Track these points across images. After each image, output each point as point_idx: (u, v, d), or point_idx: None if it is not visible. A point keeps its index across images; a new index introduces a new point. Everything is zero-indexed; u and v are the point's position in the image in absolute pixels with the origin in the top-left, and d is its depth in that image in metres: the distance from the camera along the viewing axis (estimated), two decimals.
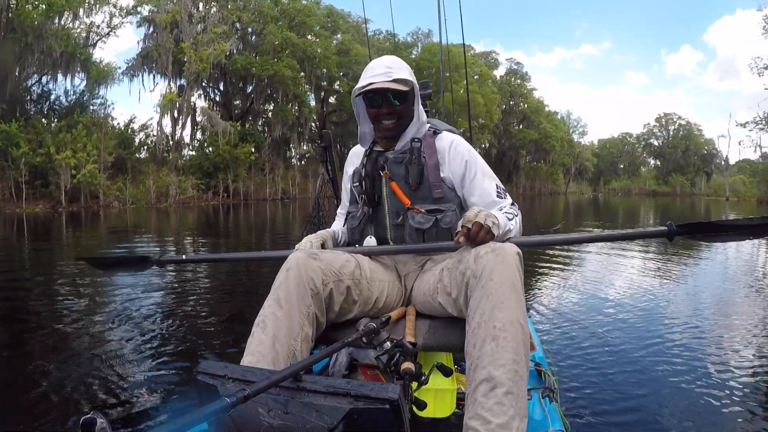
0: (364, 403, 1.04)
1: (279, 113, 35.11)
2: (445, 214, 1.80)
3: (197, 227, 14.65)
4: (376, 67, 1.83)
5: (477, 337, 1.30)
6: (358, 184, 1.94)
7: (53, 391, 2.73)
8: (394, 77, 1.79)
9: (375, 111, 1.86)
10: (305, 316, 1.48)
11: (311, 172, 37.15)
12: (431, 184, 1.83)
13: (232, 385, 1.10)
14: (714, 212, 24.19)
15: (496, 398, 1.19)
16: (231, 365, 1.18)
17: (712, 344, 3.30)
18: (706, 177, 60.82)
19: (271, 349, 1.39)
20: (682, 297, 4.63)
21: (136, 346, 3.55)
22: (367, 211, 1.90)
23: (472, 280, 1.39)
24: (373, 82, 1.79)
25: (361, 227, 1.92)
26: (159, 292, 5.52)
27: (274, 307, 1.47)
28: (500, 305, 1.30)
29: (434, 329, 1.61)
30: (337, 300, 1.59)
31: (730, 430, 2.21)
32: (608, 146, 76.20)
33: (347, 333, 1.53)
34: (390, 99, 1.81)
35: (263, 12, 34.40)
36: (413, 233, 1.81)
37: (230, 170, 30.81)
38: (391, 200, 1.88)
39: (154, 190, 27.14)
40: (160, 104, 30.02)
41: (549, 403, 1.80)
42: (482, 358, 1.25)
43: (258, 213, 21.59)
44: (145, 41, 31.67)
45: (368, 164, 1.93)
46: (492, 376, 1.22)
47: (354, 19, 42.66)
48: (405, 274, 1.85)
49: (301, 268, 1.51)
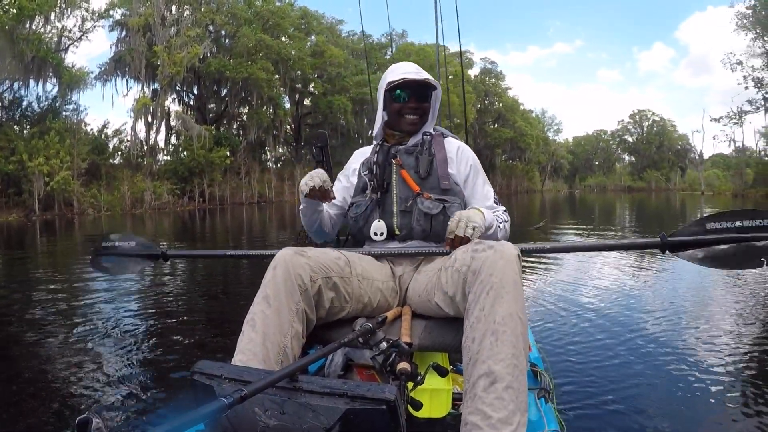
0: (361, 404, 1.03)
1: (254, 116, 34.92)
2: (452, 205, 1.87)
3: (174, 233, 14.48)
4: (405, 66, 2.00)
5: (476, 331, 1.29)
6: (368, 172, 1.98)
7: (48, 392, 2.72)
8: (424, 77, 1.94)
9: (400, 105, 1.98)
10: (294, 312, 1.47)
11: (287, 174, 37.06)
12: (440, 175, 1.90)
13: (229, 386, 1.10)
14: (689, 206, 24.63)
15: (496, 393, 1.18)
16: (227, 365, 1.17)
17: (710, 343, 3.31)
18: (680, 172, 62.03)
19: (261, 347, 1.39)
20: (680, 298, 4.64)
21: (131, 346, 3.54)
22: (374, 198, 1.93)
23: (470, 276, 1.38)
24: (407, 77, 1.92)
25: (368, 213, 1.94)
26: (153, 292, 5.54)
27: (263, 304, 1.46)
28: (500, 300, 1.29)
29: (430, 329, 1.61)
30: (326, 296, 1.57)
31: (729, 429, 2.22)
32: (583, 143, 77.30)
33: (343, 333, 1.53)
34: (419, 94, 1.97)
35: (237, 14, 34.21)
36: (422, 218, 1.85)
37: (205, 174, 30.51)
38: (400, 187, 1.92)
39: (129, 196, 26.74)
40: (134, 109, 29.69)
41: (545, 404, 1.79)
42: (481, 352, 1.25)
43: (235, 217, 21.39)
44: (117, 45, 31.35)
45: (380, 154, 2.00)
46: (492, 371, 1.21)
47: (328, 20, 42.67)
48: (400, 275, 1.84)
49: (289, 265, 1.51)
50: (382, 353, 1.27)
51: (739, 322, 3.82)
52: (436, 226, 1.84)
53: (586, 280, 5.62)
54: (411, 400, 1.25)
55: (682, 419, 2.30)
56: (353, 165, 2.13)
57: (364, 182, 1.98)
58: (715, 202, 29.13)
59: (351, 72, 38.87)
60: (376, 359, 1.28)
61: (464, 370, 1.31)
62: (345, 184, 2.12)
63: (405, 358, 1.28)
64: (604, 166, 74.43)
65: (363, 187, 1.99)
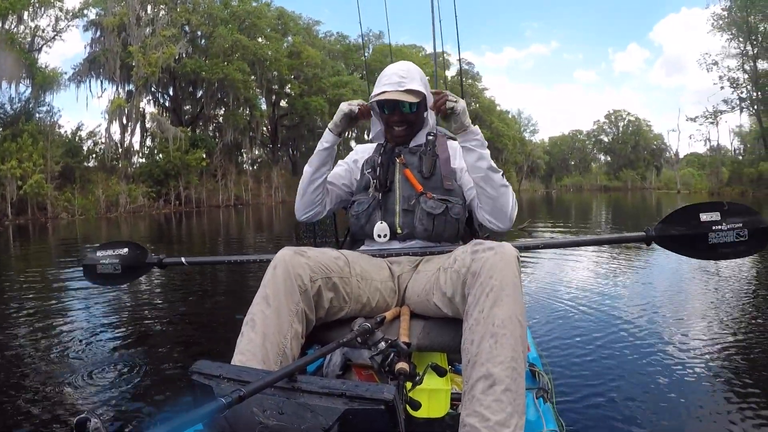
0: (360, 404, 1.02)
1: (230, 117, 34.67)
2: (455, 205, 1.87)
3: (150, 237, 14.28)
4: (391, 76, 1.92)
5: (475, 333, 1.28)
6: (371, 170, 1.97)
7: (46, 393, 2.71)
8: (406, 87, 1.87)
9: (386, 116, 1.98)
10: (294, 313, 1.46)
11: (264, 176, 36.86)
12: (443, 175, 1.90)
13: (227, 385, 1.09)
14: (665, 204, 25.00)
15: (494, 395, 1.18)
16: (226, 365, 1.17)
17: (709, 343, 3.32)
18: (655, 171, 62.98)
19: (261, 348, 1.38)
20: (678, 294, 4.68)
21: (129, 347, 3.56)
22: (376, 196, 1.92)
23: (470, 278, 1.37)
24: (385, 90, 1.88)
25: (370, 212, 1.93)
26: (151, 293, 5.60)
27: (263, 305, 1.45)
28: (499, 302, 1.29)
29: (429, 329, 1.60)
30: (326, 297, 1.56)
31: (730, 426, 2.22)
32: (559, 144, 78.15)
33: (341, 333, 1.53)
34: (401, 109, 1.93)
35: (213, 14, 33.96)
36: (424, 218, 1.84)
37: (181, 177, 30.16)
38: (403, 186, 1.92)
39: (104, 200, 26.28)
40: (108, 110, 29.25)
41: (543, 404, 1.80)
42: (480, 355, 1.24)
43: (211, 220, 21.14)
44: (92, 45, 30.83)
45: (383, 153, 2.00)
46: (490, 373, 1.20)
47: (305, 21, 42.54)
48: (399, 275, 1.82)
49: (288, 265, 1.49)
50: (380, 353, 1.27)
51: (740, 319, 3.85)
52: (438, 226, 1.84)
53: (583, 278, 5.66)
54: (409, 400, 1.25)
55: (681, 417, 2.31)
56: (355, 156, 2.14)
57: (367, 180, 1.97)
58: (692, 200, 29.60)
59: (328, 73, 38.82)
60: (374, 359, 1.28)
61: (463, 371, 1.30)
62: (347, 168, 2.12)
63: (403, 358, 1.27)
64: (580, 165, 75.32)
65: (366, 185, 1.98)
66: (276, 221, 19.52)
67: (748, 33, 33.40)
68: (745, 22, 32.85)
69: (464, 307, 1.38)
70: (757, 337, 3.45)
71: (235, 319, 4.15)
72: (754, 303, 4.41)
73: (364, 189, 1.99)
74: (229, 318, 4.30)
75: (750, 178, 35.91)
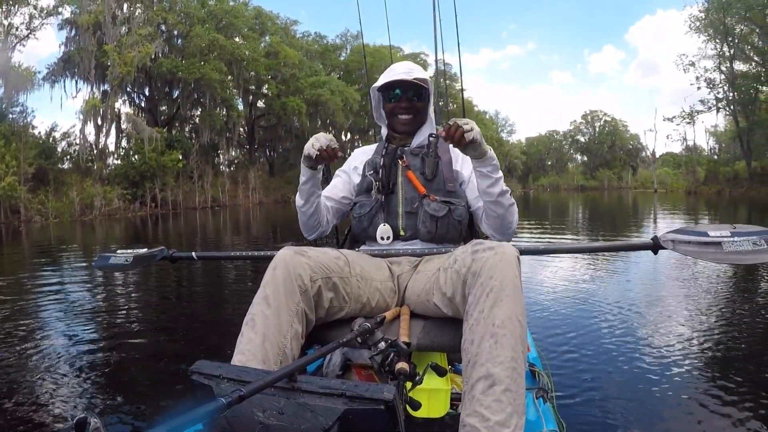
0: (360, 404, 1.03)
1: (207, 118, 34.30)
2: (457, 207, 1.89)
3: (126, 239, 14.08)
4: (398, 67, 2.00)
5: (475, 333, 1.28)
6: (373, 171, 1.97)
7: (46, 392, 2.74)
8: (414, 76, 1.94)
9: (392, 105, 2.01)
10: (294, 313, 1.46)
11: (241, 177, 36.55)
12: (445, 177, 1.92)
13: (227, 385, 1.09)
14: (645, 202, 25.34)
15: (494, 395, 1.18)
16: (226, 365, 1.17)
17: (711, 343, 3.37)
18: (632, 170, 63.80)
19: (261, 348, 1.37)
20: (681, 298, 4.69)
21: (129, 346, 3.59)
22: (379, 199, 1.93)
23: (470, 278, 1.37)
24: (395, 78, 1.94)
25: (372, 214, 1.94)
26: (150, 293, 5.67)
27: (263, 305, 1.44)
28: (500, 302, 1.29)
29: (428, 329, 1.60)
30: (326, 297, 1.56)
31: (732, 426, 2.24)
32: (536, 144, 78.79)
33: (341, 333, 1.53)
34: (410, 93, 1.97)
35: (190, 13, 33.57)
36: (428, 220, 1.86)
37: (157, 179, 29.63)
38: (406, 188, 1.93)
39: (78, 202, 25.64)
40: (83, 110, 28.70)
41: (543, 404, 1.81)
42: (480, 355, 1.24)
43: (188, 222, 20.87)
44: (67, 44, 30.20)
45: (385, 155, 2.00)
46: (490, 374, 1.20)
47: (282, 20, 42.29)
48: (399, 274, 1.82)
49: (289, 265, 1.49)
50: (380, 353, 1.27)
51: (743, 320, 3.91)
52: (441, 228, 1.86)
53: (583, 279, 5.72)
54: (409, 400, 1.25)
55: (682, 416, 2.33)
56: (354, 162, 2.14)
57: (369, 182, 1.97)
58: (669, 199, 30.11)
59: (305, 73, 38.61)
60: (374, 359, 1.28)
61: (463, 371, 1.30)
62: (345, 179, 2.12)
63: (403, 358, 1.28)
64: (557, 165, 76.05)
65: (368, 187, 1.98)
66: (254, 223, 19.41)
67: (725, 34, 34.03)
68: (722, 24, 33.43)
69: (464, 307, 1.38)
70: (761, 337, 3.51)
71: (235, 318, 4.16)
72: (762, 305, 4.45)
73: (366, 191, 1.99)
74: (229, 317, 4.35)
75: (726, 177, 36.63)
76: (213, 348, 3.53)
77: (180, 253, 2.30)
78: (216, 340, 3.72)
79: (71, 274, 7.55)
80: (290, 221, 18.38)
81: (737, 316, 4.06)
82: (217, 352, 3.32)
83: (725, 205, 22.30)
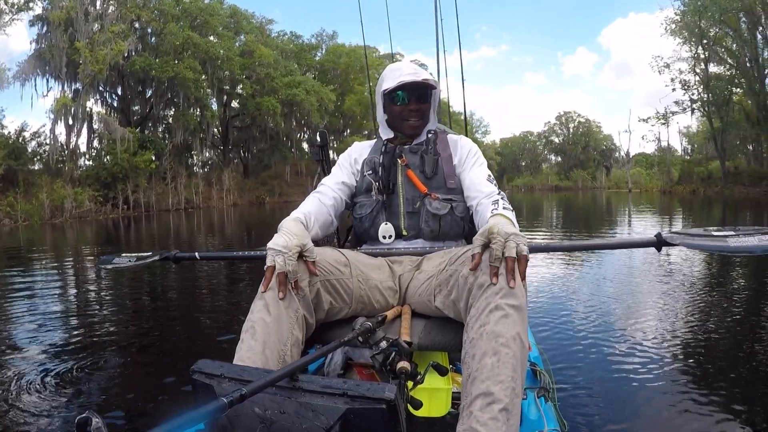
0: (361, 403, 1.03)
1: (180, 118, 33.86)
2: (459, 204, 1.89)
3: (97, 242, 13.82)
4: (405, 68, 1.95)
5: (477, 348, 1.27)
6: (372, 172, 1.95)
7: (47, 392, 2.75)
8: (422, 77, 1.91)
9: (400, 108, 1.96)
10: (294, 320, 1.44)
11: (215, 179, 36.22)
12: (445, 174, 1.92)
13: (229, 385, 1.10)
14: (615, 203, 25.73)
15: (491, 413, 1.17)
16: (227, 364, 1.17)
17: (711, 341, 3.39)
18: (605, 171, 64.73)
19: (261, 355, 1.36)
20: (683, 297, 4.72)
21: (130, 346, 3.63)
22: (380, 199, 1.91)
23: (476, 290, 1.34)
24: (405, 80, 1.89)
25: (374, 215, 1.92)
26: (151, 293, 5.72)
27: (263, 312, 1.41)
28: (504, 319, 1.27)
29: (430, 329, 1.60)
30: (325, 299, 1.55)
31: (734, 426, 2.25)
32: (510, 145, 79.63)
33: (342, 332, 1.53)
34: (419, 96, 1.94)
35: (164, 11, 33.12)
36: (430, 219, 1.86)
37: (129, 180, 29.11)
38: (407, 188, 1.92)
39: (49, 204, 25.00)
40: (53, 109, 28.10)
41: (544, 403, 1.82)
42: (481, 371, 1.23)
43: (161, 224, 20.53)
44: (38, 42, 29.50)
45: (384, 154, 1.96)
46: (490, 392, 1.19)
47: (258, 19, 42.00)
48: (400, 274, 1.80)
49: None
50: (381, 352, 1.27)
51: (744, 323, 3.91)
52: (444, 226, 1.87)
53: (585, 277, 5.75)
54: (411, 400, 1.25)
55: (683, 415, 2.33)
56: (354, 155, 2.09)
57: (369, 182, 1.94)
58: (643, 198, 30.64)
59: (280, 73, 38.37)
60: (375, 358, 1.28)
61: (462, 384, 1.29)
62: (348, 169, 2.06)
63: (405, 358, 1.27)
64: (531, 166, 76.88)
65: (368, 187, 1.95)
66: (228, 225, 19.22)
67: (700, 37, 34.84)
68: (697, 27, 34.20)
69: (466, 313, 1.36)
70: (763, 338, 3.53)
71: (235, 318, 4.28)
72: None
73: (366, 191, 1.96)
74: (230, 317, 4.39)
75: (700, 177, 37.41)
76: (214, 348, 3.57)
77: (183, 254, 2.28)
78: (217, 340, 3.77)
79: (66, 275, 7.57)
80: (265, 223, 18.31)
81: (747, 316, 4.09)
82: (219, 352, 3.32)
83: (701, 204, 22.78)
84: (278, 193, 39.60)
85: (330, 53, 46.54)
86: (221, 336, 3.85)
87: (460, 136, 2.09)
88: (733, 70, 35.41)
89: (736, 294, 4.98)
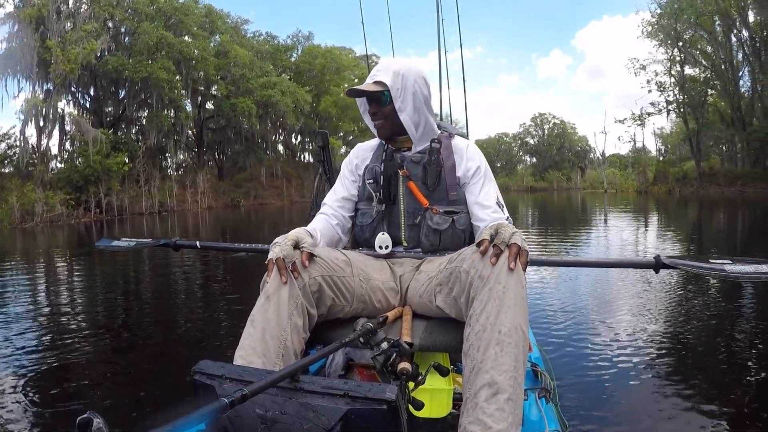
0: (362, 404, 1.05)
1: (154, 119, 33.24)
2: (460, 216, 1.87)
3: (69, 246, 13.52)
4: (374, 70, 1.90)
5: (481, 340, 1.28)
6: (373, 181, 1.91)
7: (48, 392, 2.79)
8: (375, 79, 1.84)
9: (369, 112, 1.94)
10: (294, 306, 1.45)
11: (189, 181, 35.71)
12: (448, 185, 1.88)
13: (230, 385, 1.12)
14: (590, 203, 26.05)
15: (497, 404, 1.18)
16: (228, 365, 1.19)
17: (709, 344, 3.44)
18: (581, 172, 65.44)
19: (261, 341, 1.39)
20: (683, 302, 4.75)
21: (130, 347, 3.69)
22: (381, 209, 1.89)
23: (477, 281, 1.36)
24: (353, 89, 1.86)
25: (374, 225, 1.90)
26: (151, 293, 5.74)
27: (263, 299, 1.47)
28: (505, 310, 1.29)
29: (431, 329, 1.61)
30: (327, 294, 1.55)
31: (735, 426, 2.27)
32: (485, 146, 79.84)
33: (343, 333, 1.55)
34: (374, 99, 1.88)
35: (138, 9, 32.49)
36: (430, 234, 1.86)
37: (102, 183, 28.42)
38: (408, 200, 1.90)
39: (18, 209, 24.26)
40: (23, 110, 27.45)
41: (545, 404, 1.82)
42: (485, 362, 1.24)
43: (134, 228, 20.21)
44: (9, 41, 28.75)
45: (385, 162, 1.93)
46: (495, 381, 1.21)
47: (233, 19, 41.61)
48: (401, 274, 1.80)
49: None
50: (382, 353, 1.28)
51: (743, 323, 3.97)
52: (444, 240, 1.87)
53: (586, 279, 5.81)
54: (412, 400, 1.25)
55: (684, 416, 2.34)
56: (356, 160, 2.07)
57: (369, 191, 1.92)
58: (618, 199, 31.04)
59: (256, 73, 38.01)
60: (376, 359, 1.28)
61: (465, 377, 1.30)
62: (351, 178, 2.04)
63: (406, 358, 1.28)
64: (507, 167, 77.31)
65: (369, 196, 1.93)
66: (203, 228, 18.97)
67: (676, 39, 35.51)
68: (672, 29, 34.87)
69: (467, 309, 1.37)
70: None
71: (238, 318, 4.25)
72: None
73: (368, 199, 1.94)
74: (232, 318, 4.39)
75: (676, 177, 38.06)
76: (215, 348, 3.59)
77: (183, 242, 2.27)
78: (219, 341, 3.80)
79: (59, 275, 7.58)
80: (241, 226, 18.22)
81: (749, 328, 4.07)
82: (220, 353, 3.36)
83: (677, 203, 23.17)
84: (254, 196, 39.17)
85: (306, 54, 46.28)
86: (223, 336, 3.87)
87: (468, 143, 2.00)
88: (708, 72, 36.24)
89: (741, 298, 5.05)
